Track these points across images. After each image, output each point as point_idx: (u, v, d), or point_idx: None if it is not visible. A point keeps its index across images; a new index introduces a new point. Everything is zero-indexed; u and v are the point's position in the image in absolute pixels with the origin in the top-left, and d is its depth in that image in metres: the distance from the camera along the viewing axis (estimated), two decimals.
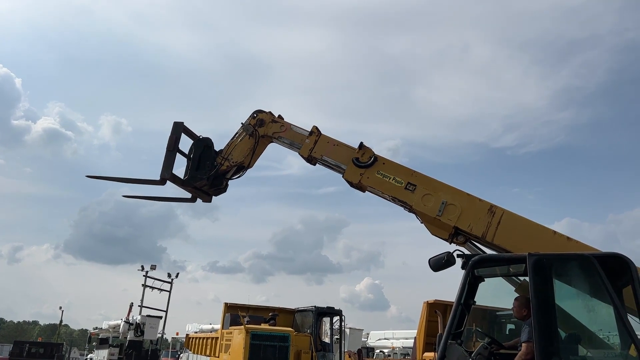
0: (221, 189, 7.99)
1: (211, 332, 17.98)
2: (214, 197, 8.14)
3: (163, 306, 30.53)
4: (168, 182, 7.72)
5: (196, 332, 21.40)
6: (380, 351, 28.11)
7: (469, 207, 6.22)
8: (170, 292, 31.23)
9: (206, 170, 7.65)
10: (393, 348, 27.98)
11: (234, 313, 14.08)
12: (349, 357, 17.33)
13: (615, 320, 4.85)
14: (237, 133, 7.73)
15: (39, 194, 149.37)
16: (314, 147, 7.26)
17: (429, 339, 11.51)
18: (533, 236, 5.88)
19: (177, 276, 32.41)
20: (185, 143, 7.94)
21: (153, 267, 31.42)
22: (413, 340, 15.18)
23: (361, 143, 7.01)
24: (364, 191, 7.06)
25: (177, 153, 7.80)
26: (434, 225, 6.38)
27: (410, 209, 6.57)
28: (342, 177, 7.09)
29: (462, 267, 5.56)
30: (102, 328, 28.15)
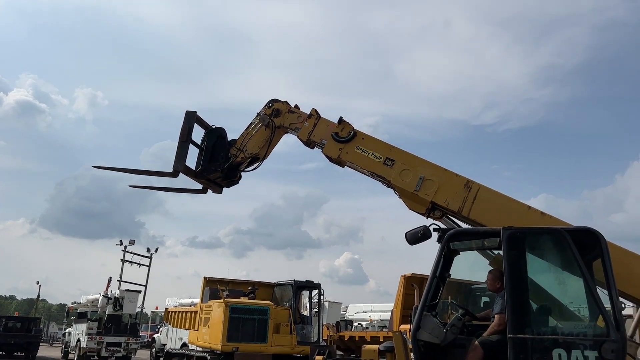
0: (234, 180, 7.74)
1: (191, 306, 18.03)
2: (225, 188, 7.91)
3: (142, 281, 30.48)
4: (180, 173, 7.43)
5: (176, 306, 21.45)
6: (359, 324, 28.54)
7: (446, 182, 6.29)
8: (149, 267, 31.16)
9: (220, 162, 7.37)
10: (371, 321, 28.44)
11: (214, 287, 14.13)
12: (328, 329, 17.56)
13: (585, 293, 5.00)
14: (251, 123, 7.49)
15: (13, 168, 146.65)
16: (312, 130, 7.14)
17: (406, 312, 11.76)
18: (508, 211, 5.97)
19: (156, 251, 32.32)
20: (197, 133, 7.60)
21: (132, 242, 31.24)
22: (390, 313, 15.47)
23: (340, 118, 7.00)
24: (343, 166, 7.07)
25: (190, 144, 7.49)
26: (412, 200, 6.44)
27: (389, 184, 6.62)
28: (322, 152, 7.07)
29: (438, 241, 5.63)
30: (80, 302, 28.06)
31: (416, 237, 5.84)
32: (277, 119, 7.27)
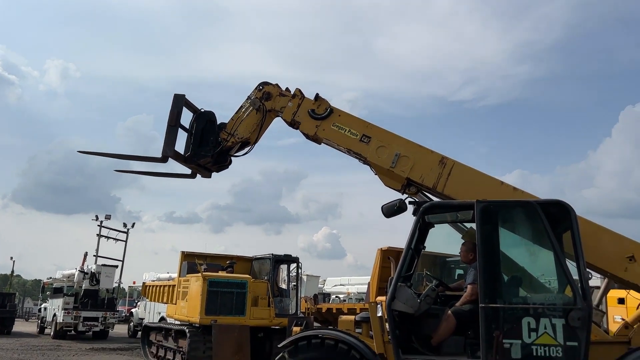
0: (224, 165, 7.63)
1: (169, 280, 18.03)
2: (214, 173, 7.77)
3: (119, 256, 30.31)
4: (169, 158, 7.26)
5: (153, 281, 21.42)
6: (336, 296, 28.93)
7: (421, 158, 6.35)
8: (126, 242, 30.94)
9: (210, 147, 7.25)
10: (348, 293, 28.84)
11: (191, 261, 14.14)
12: (305, 302, 17.79)
13: (554, 264, 5.16)
14: (242, 107, 7.33)
15: None
16: (297, 110, 7.04)
17: (382, 284, 11.93)
18: (481, 186, 6.07)
19: (132, 226, 32.05)
20: (185, 116, 7.41)
21: (108, 217, 30.91)
22: (367, 286, 15.71)
23: (317, 95, 6.95)
24: (320, 143, 7.06)
25: (179, 128, 7.32)
26: (387, 176, 6.50)
27: (365, 161, 6.65)
28: (298, 129, 7.03)
29: (413, 214, 5.72)
30: (55, 278, 27.82)
31: (392, 210, 5.92)
32: (268, 102, 7.13)
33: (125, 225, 31.59)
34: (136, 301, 30.55)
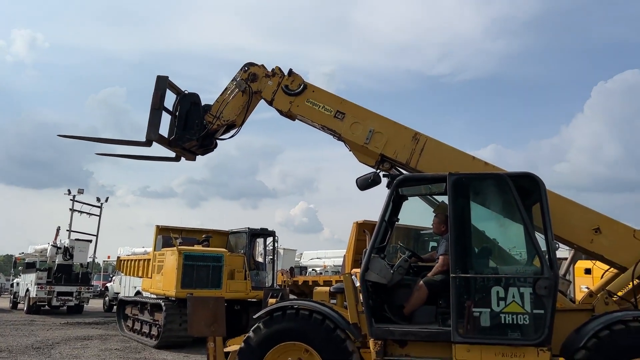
0: (210, 148, 7.48)
1: (144, 255, 17.94)
2: (199, 156, 7.62)
3: (93, 231, 29.95)
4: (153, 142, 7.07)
5: (129, 255, 21.29)
6: (313, 269, 29.25)
7: (395, 134, 6.38)
8: (100, 216, 30.53)
9: (196, 130, 7.08)
10: (325, 266, 29.17)
11: (166, 235, 14.08)
12: (282, 275, 17.95)
13: (524, 235, 5.29)
14: (227, 88, 7.15)
15: None
16: (277, 89, 6.95)
17: (357, 257, 12.09)
18: (453, 161, 6.13)
19: (106, 200, 31.59)
20: (168, 99, 7.17)
21: (80, 191, 30.35)
22: (343, 258, 15.90)
23: (290, 70, 6.86)
24: (294, 119, 6.99)
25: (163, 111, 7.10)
26: (362, 152, 6.52)
27: (339, 137, 6.65)
28: (270, 104, 6.95)
29: (387, 186, 5.77)
30: (28, 253, 27.42)
31: (366, 182, 5.96)
32: (253, 84, 6.96)
33: (98, 199, 31.14)
34: (111, 276, 30.39)
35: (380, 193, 5.94)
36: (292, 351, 5.51)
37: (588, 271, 13.58)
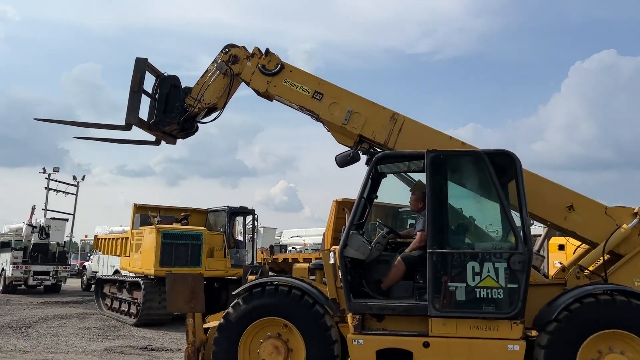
0: (191, 132, 7.35)
1: (122, 233, 17.81)
2: (180, 139, 7.48)
3: (69, 210, 29.60)
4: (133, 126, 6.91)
5: (106, 234, 21.09)
6: (293, 247, 29.40)
7: (373, 115, 6.38)
8: (76, 195, 30.20)
9: (176, 114, 6.94)
10: (305, 244, 29.34)
11: (144, 214, 13.96)
12: (262, 253, 18.02)
13: (499, 211, 5.39)
14: (207, 71, 7.00)
15: None
16: (255, 70, 6.78)
17: (337, 234, 12.18)
18: (431, 141, 6.16)
19: (83, 179, 31.20)
20: (148, 81, 6.98)
21: (56, 170, 29.91)
22: (322, 236, 16.02)
23: (267, 49, 6.77)
24: (271, 100, 6.92)
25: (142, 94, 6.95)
26: (340, 133, 6.49)
27: (318, 118, 6.61)
28: (248, 85, 6.87)
29: (366, 164, 5.80)
30: (2, 232, 26.98)
31: (345, 160, 5.98)
32: (235, 66, 6.83)
33: (74, 178, 30.77)
34: (89, 255, 30.12)
35: (361, 172, 5.96)
36: (271, 326, 5.56)
37: (561, 247, 13.96)
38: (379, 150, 6.52)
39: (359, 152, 6.05)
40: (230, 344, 5.50)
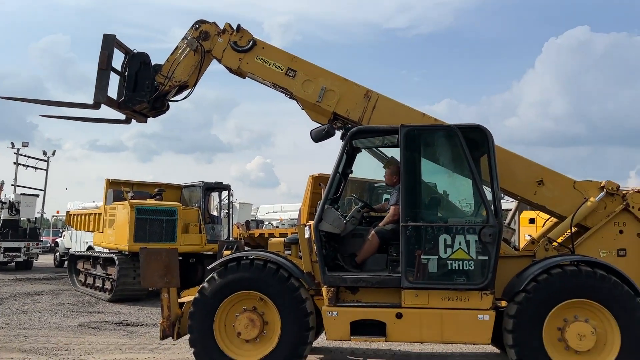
0: (162, 110, 7.19)
1: (95, 209, 17.54)
2: (151, 118, 7.30)
3: (40, 186, 28.97)
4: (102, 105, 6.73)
5: (79, 210, 20.75)
6: (269, 223, 29.41)
7: (347, 92, 6.35)
8: (47, 170, 29.50)
9: (146, 92, 6.80)
10: (281, 220, 29.37)
11: (117, 189, 13.78)
12: (238, 228, 18.01)
13: (471, 185, 5.47)
14: (177, 47, 6.82)
15: None
16: (226, 46, 6.64)
17: (312, 209, 12.20)
18: (404, 118, 6.17)
19: (53, 154, 30.43)
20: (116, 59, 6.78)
21: (25, 145, 29.12)
22: (298, 211, 16.06)
23: (239, 25, 6.63)
24: (244, 77, 6.82)
25: (111, 71, 6.75)
26: (314, 111, 6.45)
27: (291, 96, 6.55)
28: (220, 62, 6.75)
29: (341, 138, 5.81)
30: None
31: (320, 134, 5.97)
32: (205, 42, 6.68)
33: (45, 153, 30.00)
34: (61, 231, 29.65)
35: (337, 147, 5.95)
36: (246, 300, 5.60)
37: (532, 221, 14.25)
38: (353, 125, 6.52)
39: (334, 127, 6.04)
40: (206, 317, 5.52)
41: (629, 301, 5.09)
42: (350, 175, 6.68)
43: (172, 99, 7.13)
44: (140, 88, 6.86)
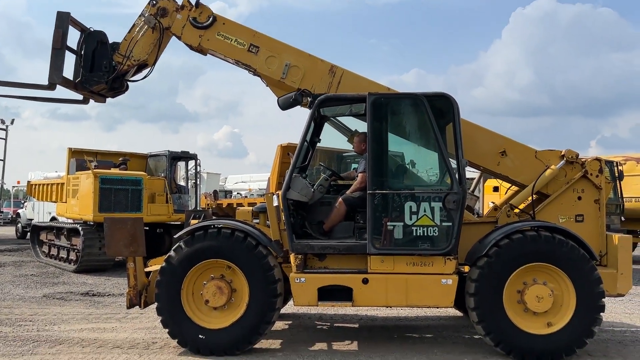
0: (121, 91, 6.97)
1: (58, 179, 17.09)
2: (110, 98, 7.12)
3: None
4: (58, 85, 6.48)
5: (40, 180, 20.19)
6: (238, 193, 29.28)
7: (311, 68, 6.28)
8: (5, 139, 28.45)
9: (104, 72, 6.57)
10: (250, 190, 29.27)
11: (80, 158, 13.44)
12: (206, 198, 17.90)
13: (437, 153, 5.55)
14: (135, 25, 6.55)
15: None
16: (185, 23, 6.43)
17: (281, 179, 12.17)
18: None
19: (12, 123, 29.38)
20: (72, 37, 6.53)
21: None
22: (267, 181, 16.02)
23: (197, 1, 6.42)
24: (205, 54, 6.64)
25: (66, 50, 6.47)
26: (279, 87, 6.36)
27: (255, 72, 6.43)
28: (180, 39, 6.56)
29: (309, 106, 5.77)
30: None
31: (288, 102, 5.93)
32: (164, 19, 6.46)
33: (2, 122, 28.88)
34: (23, 202, 28.88)
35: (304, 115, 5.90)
36: (214, 268, 5.60)
37: (496, 189, 14.63)
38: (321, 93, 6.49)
39: (301, 94, 5.99)
40: (173, 286, 5.51)
41: (584, 264, 5.31)
42: (318, 144, 6.69)
43: (131, 78, 6.94)
44: (98, 68, 6.66)
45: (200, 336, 5.47)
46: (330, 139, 7.13)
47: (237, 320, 5.48)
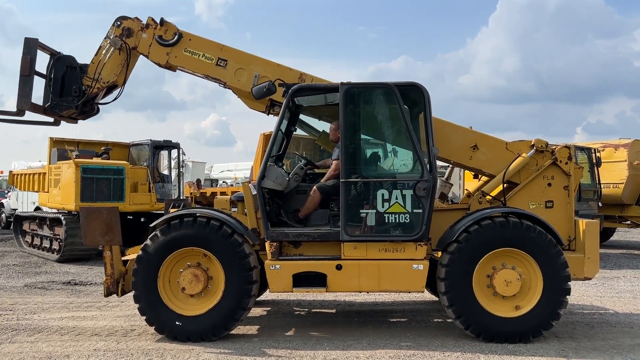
0: (91, 113, 6.97)
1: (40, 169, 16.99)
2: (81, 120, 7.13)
3: None
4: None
5: (23, 170, 20.04)
6: (224, 181, 29.26)
7: (281, 77, 6.31)
8: None
9: (74, 97, 6.58)
10: (235, 178, 29.24)
11: (62, 148, 13.38)
12: (189, 187, 17.91)
13: (409, 142, 5.65)
14: (101, 47, 6.55)
15: None
16: (152, 41, 6.47)
17: None
18: None
19: None
20: (40, 60, 6.56)
21: None
22: (250, 169, 16.08)
23: (162, 19, 6.44)
24: (174, 71, 6.67)
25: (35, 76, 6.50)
26: (250, 99, 6.38)
27: (225, 85, 6.49)
28: (148, 58, 6.57)
29: (283, 96, 5.83)
30: None
31: (261, 92, 5.97)
32: (129, 39, 6.49)
33: None
34: (6, 192, 28.64)
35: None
36: (190, 256, 5.68)
37: (476, 176, 14.81)
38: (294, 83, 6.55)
39: (275, 84, 6.05)
40: (150, 274, 5.58)
41: (551, 249, 5.47)
42: (294, 133, 6.77)
43: (102, 101, 6.94)
44: (67, 93, 6.67)
45: (177, 323, 5.57)
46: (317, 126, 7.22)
47: (213, 306, 5.57)
